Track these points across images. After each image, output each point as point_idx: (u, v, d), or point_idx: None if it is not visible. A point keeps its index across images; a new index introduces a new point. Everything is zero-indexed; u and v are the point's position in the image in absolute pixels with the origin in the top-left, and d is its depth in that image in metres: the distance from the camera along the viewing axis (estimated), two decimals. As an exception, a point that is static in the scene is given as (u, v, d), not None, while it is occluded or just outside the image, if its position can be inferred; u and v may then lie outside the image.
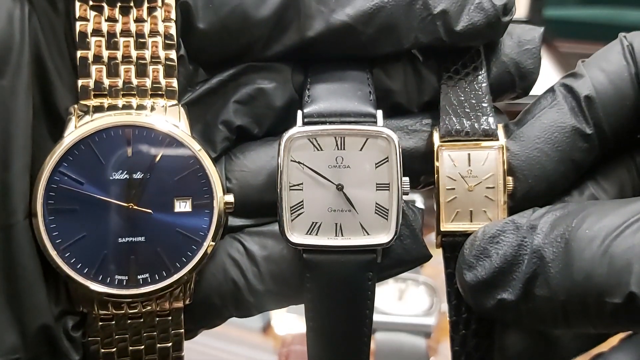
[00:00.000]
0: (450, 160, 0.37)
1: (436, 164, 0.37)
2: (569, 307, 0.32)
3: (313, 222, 0.37)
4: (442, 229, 0.37)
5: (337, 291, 0.37)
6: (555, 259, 0.32)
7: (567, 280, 0.32)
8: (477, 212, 0.37)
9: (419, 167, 0.38)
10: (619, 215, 0.32)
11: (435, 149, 0.37)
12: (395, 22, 0.36)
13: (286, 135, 0.36)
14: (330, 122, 0.36)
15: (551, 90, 0.38)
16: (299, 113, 0.37)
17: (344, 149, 0.36)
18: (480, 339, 0.38)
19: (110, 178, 0.35)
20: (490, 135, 0.37)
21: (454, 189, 0.37)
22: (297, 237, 0.36)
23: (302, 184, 0.36)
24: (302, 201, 0.36)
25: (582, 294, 0.31)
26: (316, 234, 0.37)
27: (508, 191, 0.37)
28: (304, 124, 0.37)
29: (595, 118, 0.36)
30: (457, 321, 0.38)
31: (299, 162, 0.36)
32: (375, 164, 0.37)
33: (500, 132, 0.37)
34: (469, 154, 0.37)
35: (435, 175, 0.37)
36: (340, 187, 0.36)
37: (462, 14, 0.36)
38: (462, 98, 0.38)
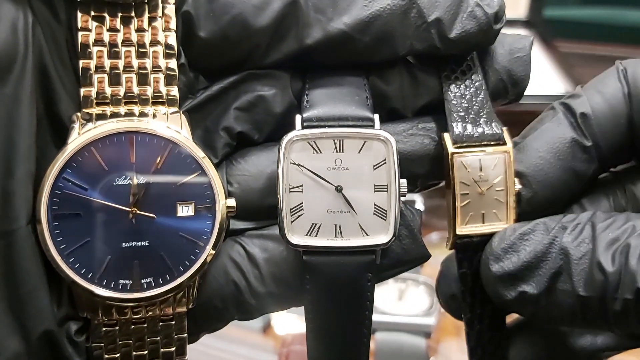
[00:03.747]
0: (463, 166, 0.38)
1: (451, 170, 0.38)
2: (588, 302, 0.34)
3: (313, 224, 0.37)
4: (458, 233, 0.38)
5: (337, 292, 0.38)
6: (582, 258, 0.34)
7: (589, 278, 0.34)
8: (488, 214, 0.38)
9: (416, 170, 0.40)
10: None
11: (449, 156, 0.38)
12: (391, 30, 0.37)
13: (286, 139, 0.37)
14: (329, 126, 0.37)
15: (552, 107, 0.40)
16: (298, 117, 0.38)
17: (342, 151, 0.37)
18: (494, 332, 0.40)
19: (114, 184, 0.36)
20: (498, 139, 0.39)
21: (467, 193, 0.38)
22: (297, 239, 0.37)
23: (301, 186, 0.37)
24: (302, 203, 0.37)
25: (600, 290, 0.33)
26: (316, 235, 0.37)
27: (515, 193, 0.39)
28: (303, 128, 0.37)
29: (592, 134, 0.38)
30: (471, 318, 0.39)
31: (298, 165, 0.37)
32: (374, 166, 0.37)
33: (506, 136, 0.39)
34: (480, 159, 0.38)
35: (451, 181, 0.38)
36: (339, 189, 0.37)
37: (456, 21, 0.37)
38: (467, 105, 0.39)
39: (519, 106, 0.42)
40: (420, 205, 1.11)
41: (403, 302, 0.96)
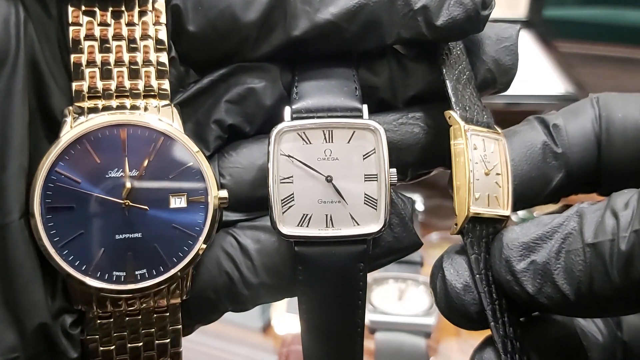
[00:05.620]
0: (473, 143, 0.38)
1: (463, 145, 0.37)
2: (595, 249, 0.33)
3: (304, 214, 0.37)
4: (471, 212, 0.37)
5: (329, 282, 0.38)
6: (595, 211, 0.34)
7: (600, 225, 0.33)
8: (491, 197, 0.38)
9: (406, 159, 0.40)
10: None
11: (462, 130, 0.37)
12: (377, 18, 0.37)
13: (275, 130, 0.37)
14: (318, 117, 0.38)
15: (527, 119, 0.41)
16: (287, 109, 0.38)
17: (332, 141, 0.37)
18: (514, 326, 0.38)
19: (107, 176, 0.36)
20: (492, 127, 0.39)
21: (476, 171, 0.38)
22: (288, 229, 0.37)
23: (292, 176, 0.37)
24: (293, 194, 0.37)
25: (611, 232, 0.32)
26: (307, 226, 0.37)
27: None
28: (293, 119, 0.38)
29: (562, 143, 0.39)
30: (494, 309, 0.37)
31: (288, 156, 0.37)
32: (363, 156, 0.38)
33: (496, 127, 0.39)
34: (483, 140, 0.38)
35: (465, 157, 0.37)
36: (329, 179, 0.37)
37: (442, 8, 0.37)
38: (462, 91, 0.39)
39: (518, 106, 0.43)
40: (420, 205, 1.11)
41: (403, 302, 0.96)
